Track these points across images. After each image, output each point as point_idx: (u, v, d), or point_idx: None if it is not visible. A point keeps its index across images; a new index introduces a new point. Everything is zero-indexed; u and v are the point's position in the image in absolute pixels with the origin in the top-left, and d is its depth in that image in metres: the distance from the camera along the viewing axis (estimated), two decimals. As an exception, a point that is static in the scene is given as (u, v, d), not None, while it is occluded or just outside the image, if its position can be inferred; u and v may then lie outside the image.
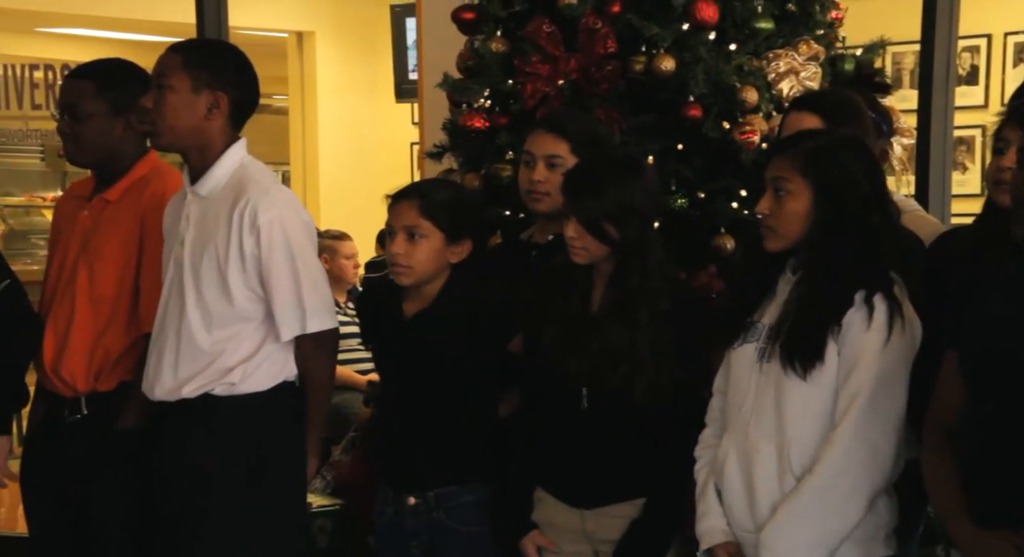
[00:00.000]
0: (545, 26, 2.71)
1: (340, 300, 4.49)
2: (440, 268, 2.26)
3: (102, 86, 2.37)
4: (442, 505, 2.24)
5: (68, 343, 2.40)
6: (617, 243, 2.10)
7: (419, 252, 2.23)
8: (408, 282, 2.26)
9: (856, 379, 1.87)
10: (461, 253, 2.27)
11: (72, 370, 2.40)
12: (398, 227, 2.25)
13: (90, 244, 2.43)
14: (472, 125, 2.82)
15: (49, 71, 5.65)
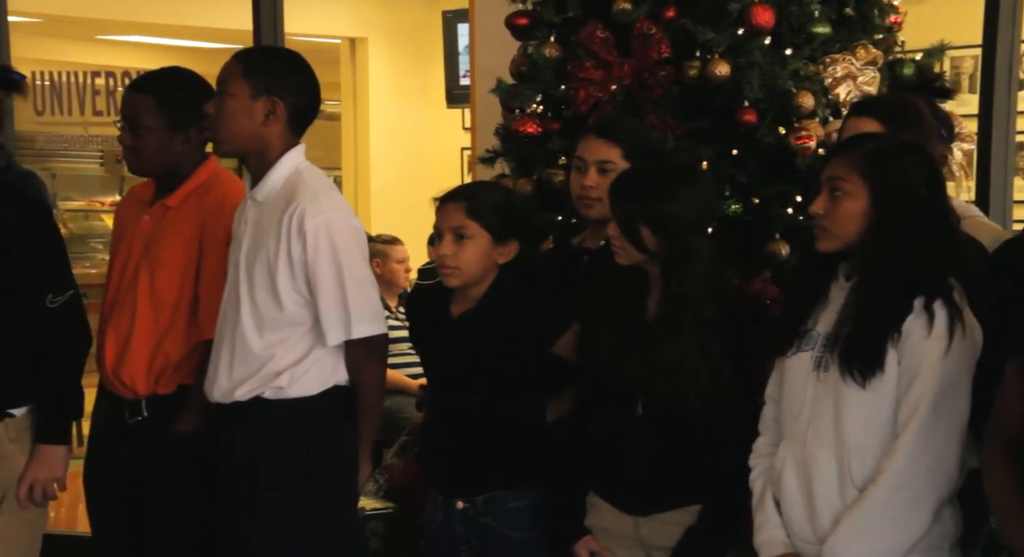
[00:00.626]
0: (599, 31, 2.71)
1: (391, 304, 4.52)
2: (488, 269, 2.27)
3: (163, 102, 2.40)
4: (491, 510, 2.25)
5: (129, 347, 2.44)
6: (650, 250, 2.09)
7: (466, 253, 2.24)
8: (456, 283, 2.27)
9: (918, 388, 1.84)
10: (508, 254, 2.27)
11: (132, 374, 2.44)
12: (445, 228, 2.26)
13: (151, 249, 2.47)
14: (524, 130, 2.82)
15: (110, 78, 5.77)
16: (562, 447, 2.24)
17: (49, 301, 2.27)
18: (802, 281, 2.02)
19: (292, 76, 2.30)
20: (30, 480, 2.30)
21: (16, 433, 2.30)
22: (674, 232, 2.08)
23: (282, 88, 2.27)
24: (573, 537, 2.18)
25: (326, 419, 2.28)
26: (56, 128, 6.45)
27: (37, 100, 5.53)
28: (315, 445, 2.26)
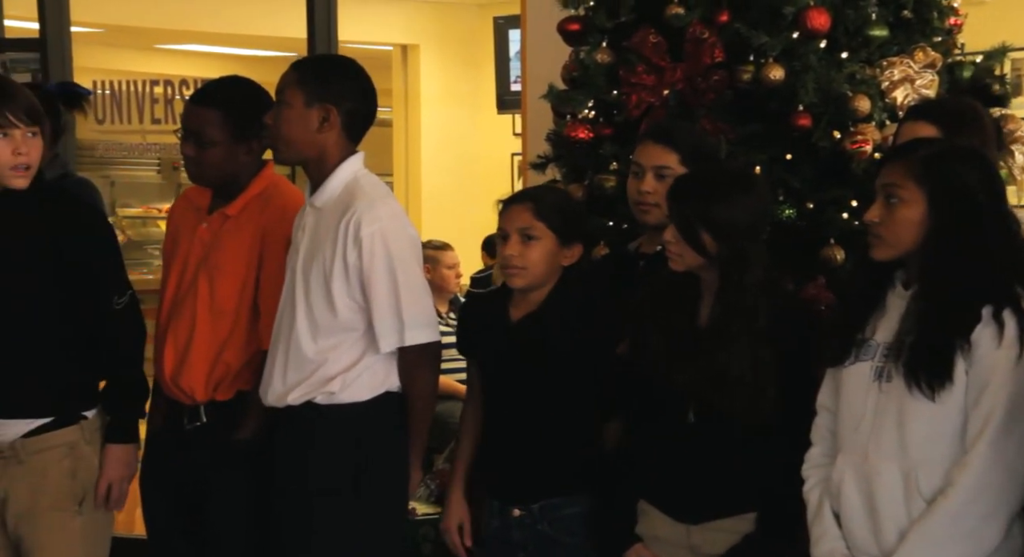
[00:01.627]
0: (651, 36, 2.69)
1: (442, 310, 4.54)
2: (553, 270, 2.27)
3: (227, 115, 2.42)
4: (547, 516, 2.24)
5: (189, 355, 2.47)
6: (711, 255, 2.08)
7: (533, 254, 2.24)
8: (522, 284, 2.27)
9: (989, 398, 1.80)
10: (573, 256, 2.28)
11: (192, 381, 2.47)
12: (512, 230, 2.27)
13: (210, 258, 2.49)
14: (576, 136, 2.82)
15: (168, 87, 5.88)
16: (613, 454, 2.23)
17: (115, 302, 2.32)
18: (858, 289, 1.99)
19: (345, 83, 2.32)
20: (107, 480, 2.34)
21: (90, 435, 2.34)
22: (733, 236, 2.06)
23: (335, 95, 2.28)
24: (624, 545, 2.17)
25: (377, 425, 2.29)
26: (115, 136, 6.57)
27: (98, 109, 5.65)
28: (366, 451, 2.27)
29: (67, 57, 4.26)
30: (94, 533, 2.35)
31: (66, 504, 2.31)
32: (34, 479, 2.31)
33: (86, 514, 2.33)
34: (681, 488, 2.12)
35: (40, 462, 2.30)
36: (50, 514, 2.30)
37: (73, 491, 2.32)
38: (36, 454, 2.30)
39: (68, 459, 2.31)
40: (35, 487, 2.31)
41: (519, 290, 2.29)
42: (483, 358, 2.37)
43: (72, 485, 2.32)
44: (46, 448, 2.31)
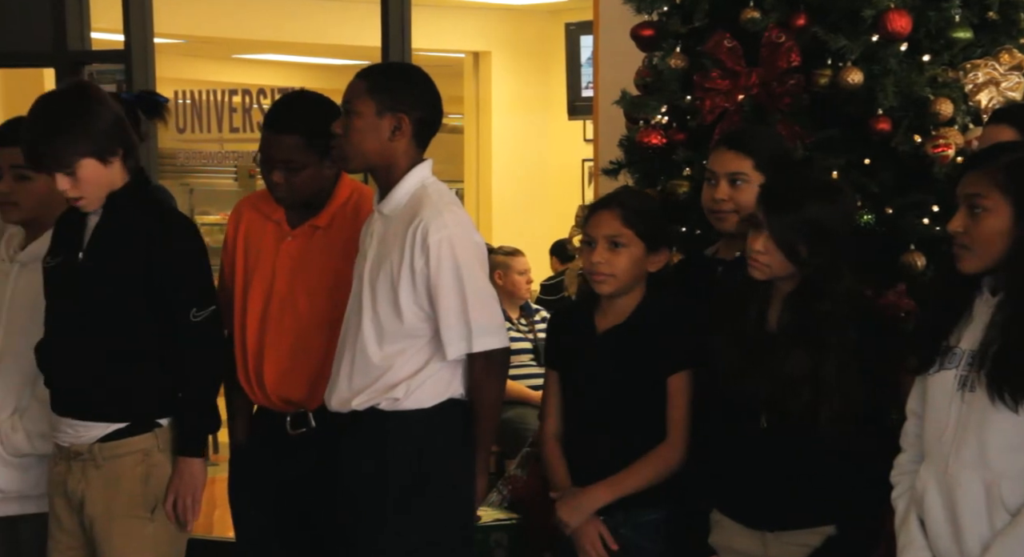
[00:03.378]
0: (726, 41, 2.67)
1: (513, 316, 4.55)
2: (640, 277, 2.27)
3: (310, 138, 2.42)
4: (630, 522, 2.24)
5: (295, 366, 2.48)
6: (805, 263, 2.05)
7: (621, 260, 2.24)
8: (609, 290, 2.27)
9: None
10: (659, 262, 2.27)
11: (298, 391, 2.48)
12: (599, 236, 2.26)
13: (305, 271, 2.49)
14: (649, 142, 2.80)
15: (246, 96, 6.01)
16: (686, 463, 2.22)
17: (193, 315, 2.33)
18: (943, 295, 1.94)
19: (415, 91, 2.33)
20: (173, 493, 2.36)
21: (164, 443, 2.37)
22: (827, 247, 2.04)
23: (407, 104, 2.29)
24: (697, 556, 2.15)
25: (441, 431, 2.29)
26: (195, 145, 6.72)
27: (179, 118, 5.79)
28: (430, 456, 2.28)
29: (150, 68, 4.37)
30: (166, 540, 2.37)
31: (138, 511, 2.34)
32: (109, 484, 2.35)
33: (158, 521, 2.35)
34: (756, 497, 2.09)
35: (115, 467, 2.34)
36: (123, 520, 2.33)
37: (145, 498, 2.35)
38: (111, 459, 2.34)
39: (142, 466, 2.35)
40: (109, 492, 2.35)
41: (606, 297, 2.28)
42: (565, 368, 2.36)
43: (144, 492, 2.35)
44: (121, 454, 2.34)
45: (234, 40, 7.70)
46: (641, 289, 2.29)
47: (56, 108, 2.33)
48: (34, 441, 2.44)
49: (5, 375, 2.45)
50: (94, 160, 2.29)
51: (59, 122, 2.30)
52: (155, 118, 2.56)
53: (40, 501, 2.46)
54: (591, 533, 2.24)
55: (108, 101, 2.36)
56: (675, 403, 2.22)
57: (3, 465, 2.44)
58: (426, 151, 2.39)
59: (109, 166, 2.31)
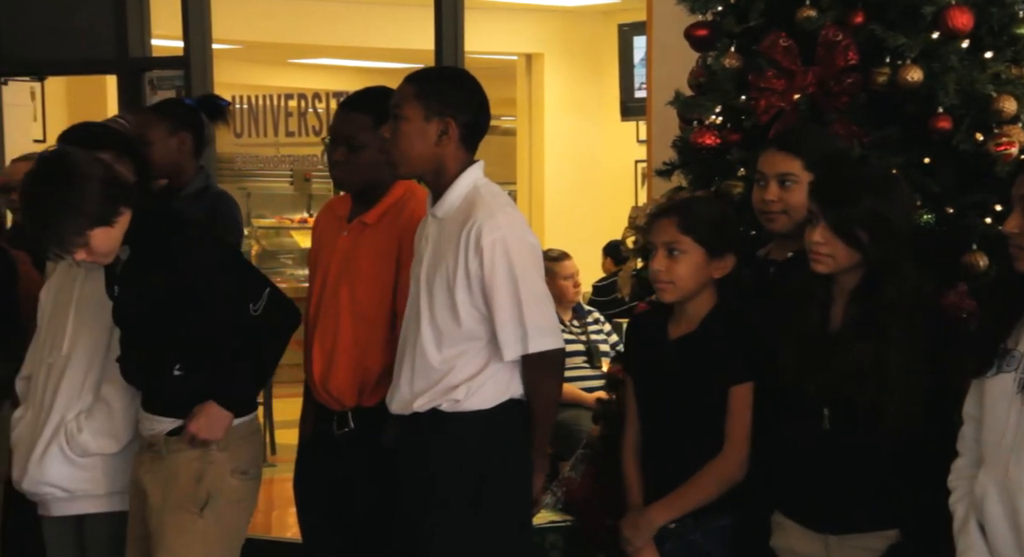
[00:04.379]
0: (781, 40, 2.64)
1: (564, 318, 4.55)
2: (703, 284, 2.26)
3: (378, 120, 2.45)
4: (700, 528, 2.23)
5: (334, 360, 2.53)
6: (869, 250, 2.02)
7: (680, 268, 2.23)
8: (671, 298, 2.26)
9: None
10: (724, 268, 2.26)
11: (339, 386, 2.53)
12: (658, 243, 2.26)
13: (351, 265, 2.54)
14: (703, 142, 2.79)
15: (302, 100, 6.09)
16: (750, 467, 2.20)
17: (252, 310, 2.38)
18: (1001, 297, 1.91)
19: (462, 95, 2.34)
20: (190, 430, 2.39)
21: (226, 442, 2.41)
22: (889, 232, 2.02)
23: (453, 108, 2.30)
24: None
25: (501, 432, 2.30)
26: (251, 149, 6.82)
27: (236, 123, 5.89)
28: (490, 457, 2.29)
29: (208, 73, 4.45)
30: (216, 537, 2.41)
31: (188, 506, 2.39)
32: (167, 477, 2.41)
33: (208, 518, 2.39)
34: (818, 499, 2.07)
35: (174, 461, 2.40)
36: (174, 513, 2.38)
37: (197, 494, 2.39)
38: (173, 453, 2.40)
39: (197, 462, 2.40)
40: (166, 485, 2.41)
41: (675, 304, 2.27)
42: (639, 375, 2.36)
43: (197, 489, 2.40)
44: (181, 449, 2.40)
45: (290, 45, 7.80)
46: (712, 295, 2.27)
47: (44, 198, 2.32)
48: (99, 440, 2.49)
49: (71, 376, 2.51)
50: (100, 229, 2.34)
51: (52, 214, 2.31)
52: (218, 121, 2.60)
53: (105, 500, 2.52)
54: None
55: (91, 168, 2.35)
56: (736, 415, 2.21)
57: (69, 465, 2.49)
58: (477, 153, 2.40)
59: (117, 224, 2.36)
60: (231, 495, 2.44)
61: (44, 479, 2.48)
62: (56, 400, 2.50)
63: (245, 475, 2.46)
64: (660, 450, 2.28)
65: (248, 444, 2.49)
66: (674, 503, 2.22)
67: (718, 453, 2.21)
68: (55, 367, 2.52)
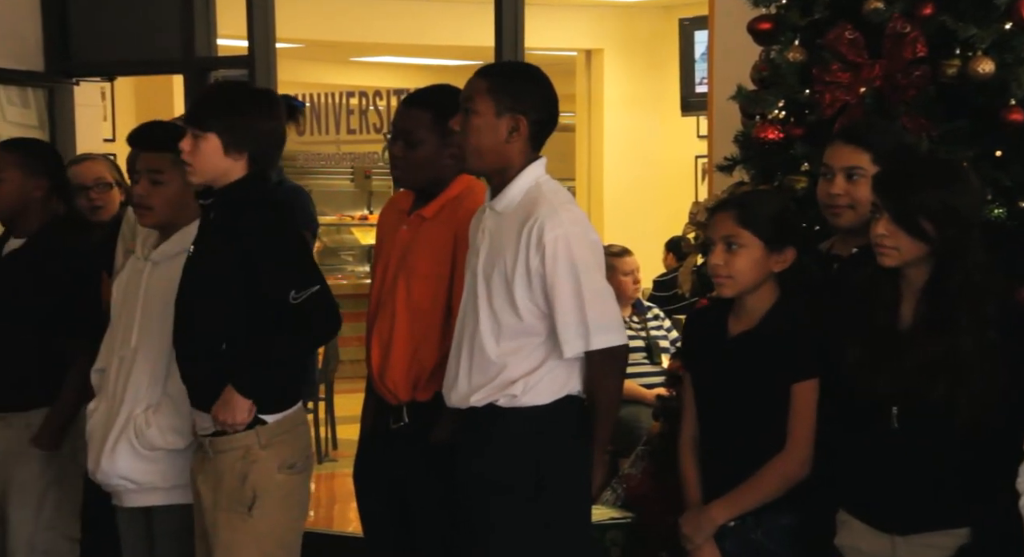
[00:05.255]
0: (847, 33, 2.61)
1: (625, 314, 4.53)
2: (762, 278, 2.23)
3: (438, 117, 2.46)
4: (760, 527, 2.21)
5: (390, 353, 2.54)
6: (934, 241, 1.98)
7: (739, 262, 2.21)
8: (730, 293, 2.24)
9: None
10: (785, 261, 2.23)
11: (394, 379, 2.54)
12: (716, 238, 2.24)
13: (408, 259, 2.56)
14: (766, 137, 2.76)
15: (363, 98, 6.14)
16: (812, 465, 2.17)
17: (292, 297, 2.35)
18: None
19: (535, 92, 2.33)
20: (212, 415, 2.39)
21: (267, 439, 2.42)
22: (955, 222, 1.97)
23: (525, 105, 2.30)
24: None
25: (558, 428, 2.30)
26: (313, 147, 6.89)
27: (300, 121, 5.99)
28: (547, 453, 2.29)
29: (272, 72, 4.51)
30: (268, 534, 2.41)
31: (236, 506, 2.39)
32: (214, 478, 2.42)
33: (257, 516, 2.39)
34: (885, 498, 2.04)
35: (220, 462, 2.42)
36: (225, 513, 2.40)
37: (243, 494, 2.40)
38: (218, 454, 2.42)
39: (241, 462, 2.40)
40: (215, 486, 2.41)
41: (736, 299, 2.25)
42: (697, 372, 2.34)
43: (242, 489, 2.40)
44: (226, 449, 2.41)
45: (351, 43, 7.86)
46: (772, 291, 2.25)
47: (237, 89, 2.53)
48: (166, 435, 2.53)
49: (139, 371, 2.55)
50: (219, 141, 2.37)
51: (227, 96, 2.45)
52: (289, 122, 2.65)
53: (171, 493, 2.56)
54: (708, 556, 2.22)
55: (277, 118, 2.46)
56: (798, 413, 2.18)
57: (137, 458, 2.54)
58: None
59: (229, 157, 2.38)
60: (279, 491, 2.43)
61: (114, 471, 2.53)
62: (126, 393, 2.55)
63: (292, 469, 2.46)
64: (719, 447, 2.26)
65: (293, 438, 2.48)
66: (735, 501, 2.20)
67: (778, 450, 2.19)
68: (125, 360, 2.56)
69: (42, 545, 2.81)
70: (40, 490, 2.81)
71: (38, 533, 2.81)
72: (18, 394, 2.83)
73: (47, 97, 4.59)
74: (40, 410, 2.83)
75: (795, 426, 2.18)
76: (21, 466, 2.81)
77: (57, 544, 2.84)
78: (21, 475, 2.80)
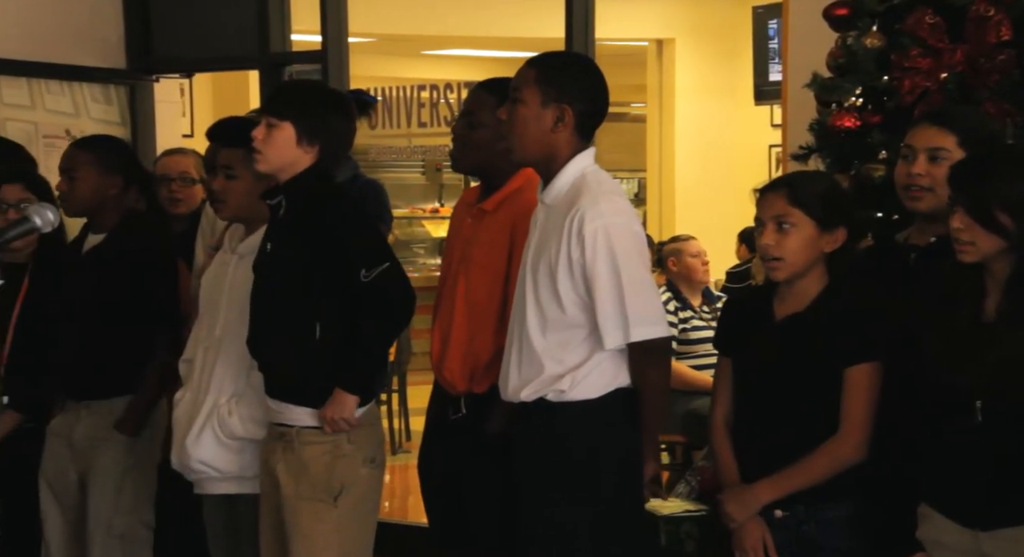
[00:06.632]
0: (928, 17, 2.56)
1: (694, 302, 4.48)
2: (814, 259, 2.19)
3: (502, 103, 2.45)
4: (812, 518, 2.17)
5: (449, 345, 2.57)
6: (1012, 234, 1.92)
7: (790, 242, 2.17)
8: (782, 276, 2.20)
9: None
10: (836, 241, 2.19)
11: (452, 371, 2.57)
12: (767, 218, 2.20)
13: (468, 251, 2.58)
14: (842, 124, 2.72)
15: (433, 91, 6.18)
16: (888, 456, 2.12)
17: (363, 276, 2.37)
18: None
19: (582, 83, 2.31)
20: (323, 416, 2.42)
21: (354, 433, 2.44)
22: None
23: (571, 95, 2.28)
24: (903, 551, 2.06)
25: (608, 422, 2.28)
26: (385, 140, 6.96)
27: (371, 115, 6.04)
28: (598, 447, 2.27)
29: (345, 67, 4.56)
30: (350, 525, 2.45)
31: (322, 496, 2.41)
32: (299, 468, 2.43)
33: (342, 507, 2.41)
34: (969, 492, 1.99)
35: (306, 453, 2.44)
36: (308, 503, 2.42)
37: (330, 485, 2.41)
38: (305, 445, 2.44)
39: (329, 455, 2.43)
40: (299, 476, 2.43)
41: (783, 283, 2.22)
42: (740, 356, 2.30)
43: (329, 479, 2.41)
44: (314, 441, 2.44)
45: (423, 37, 7.90)
46: (822, 274, 2.20)
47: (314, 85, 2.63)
48: (247, 425, 2.57)
49: (225, 361, 2.60)
50: (293, 131, 2.40)
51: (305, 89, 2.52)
52: (361, 114, 2.68)
53: (254, 482, 2.59)
54: (754, 535, 2.18)
55: (349, 118, 2.50)
56: (853, 397, 2.14)
57: (220, 446, 2.58)
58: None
59: (300, 147, 2.41)
60: (362, 484, 2.46)
61: (197, 457, 2.58)
62: (211, 383, 2.59)
63: (373, 463, 2.50)
64: (761, 430, 2.22)
65: (373, 431, 2.52)
66: (783, 481, 2.16)
67: (824, 434, 2.14)
68: (210, 351, 2.61)
69: (119, 529, 2.88)
70: (119, 475, 2.88)
71: (116, 517, 2.88)
72: (100, 383, 2.90)
73: (128, 94, 4.72)
74: (121, 398, 2.90)
75: (850, 409, 2.14)
76: (103, 452, 2.89)
77: (134, 529, 2.91)
78: (102, 460, 2.88)
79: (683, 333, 4.28)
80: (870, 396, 2.14)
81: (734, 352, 2.31)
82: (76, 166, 2.92)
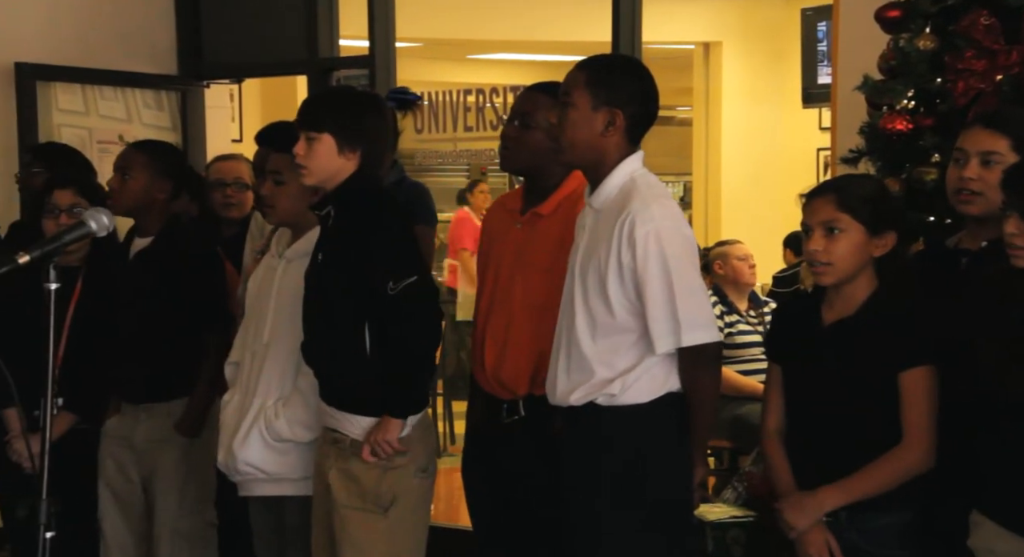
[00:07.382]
0: (983, 18, 2.52)
1: (741, 307, 4.45)
2: (863, 264, 2.17)
3: (555, 104, 2.44)
4: (855, 526, 2.15)
5: (507, 350, 2.56)
6: None
7: (838, 247, 2.15)
8: (830, 281, 2.18)
9: None
10: (886, 245, 2.16)
11: (513, 375, 2.56)
12: (814, 224, 2.18)
13: (524, 256, 2.57)
14: (893, 127, 2.69)
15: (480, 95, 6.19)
16: (941, 463, 2.10)
17: (390, 288, 2.37)
18: None
19: (633, 86, 2.30)
20: (369, 440, 2.43)
21: (407, 445, 2.44)
22: None
23: (622, 99, 2.27)
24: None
25: (658, 426, 2.27)
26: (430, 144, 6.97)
27: (418, 119, 6.06)
28: (648, 452, 2.26)
29: (392, 71, 4.60)
30: (401, 534, 2.46)
31: (373, 506, 2.42)
32: (350, 477, 2.44)
33: (392, 517, 2.41)
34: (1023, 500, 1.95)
35: (357, 465, 2.45)
36: (358, 512, 2.43)
37: (381, 496, 2.42)
38: (357, 457, 2.44)
39: (380, 468, 2.43)
40: (350, 484, 2.44)
41: (831, 288, 2.20)
42: (788, 363, 2.29)
43: (379, 490, 2.42)
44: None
45: (469, 41, 7.93)
46: (871, 279, 2.18)
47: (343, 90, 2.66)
48: (293, 428, 2.59)
49: (273, 364, 2.62)
50: (333, 142, 2.42)
51: (335, 97, 2.54)
52: (405, 111, 2.69)
53: (300, 484, 2.61)
54: (818, 540, 2.16)
55: (384, 117, 2.52)
56: (912, 402, 2.10)
57: (267, 448, 2.61)
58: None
59: (342, 155, 2.43)
60: (414, 495, 2.47)
61: (244, 459, 2.61)
62: (259, 386, 2.62)
63: (425, 473, 2.50)
64: (814, 438, 2.19)
65: (425, 442, 2.53)
66: (849, 488, 2.13)
67: (880, 440, 2.11)
68: (258, 355, 2.64)
69: (185, 529, 2.92)
70: (182, 476, 2.93)
71: (182, 518, 2.92)
72: (159, 386, 2.94)
73: (179, 100, 4.79)
74: (180, 400, 2.94)
75: (911, 415, 2.11)
76: (165, 453, 2.93)
77: (199, 529, 2.95)
78: (165, 462, 2.92)
79: (729, 337, 4.26)
80: (930, 401, 2.11)
81: (784, 359, 2.29)
82: (131, 166, 2.97)
